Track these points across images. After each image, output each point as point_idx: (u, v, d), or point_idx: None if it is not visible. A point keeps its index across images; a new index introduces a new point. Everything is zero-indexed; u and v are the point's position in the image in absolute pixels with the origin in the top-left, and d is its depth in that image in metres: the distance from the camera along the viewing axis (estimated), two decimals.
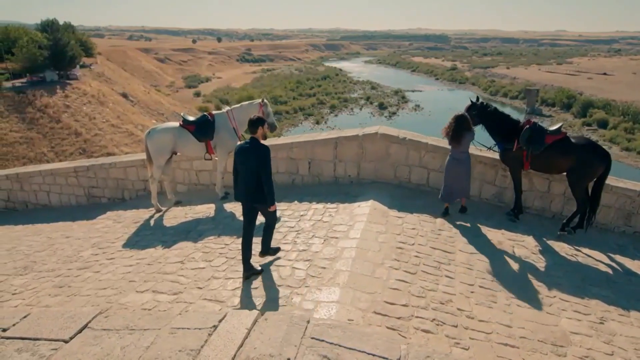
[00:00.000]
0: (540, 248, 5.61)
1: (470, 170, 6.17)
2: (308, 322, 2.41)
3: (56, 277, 5.30)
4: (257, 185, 4.44)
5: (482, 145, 6.59)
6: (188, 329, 2.46)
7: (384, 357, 2.18)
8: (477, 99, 6.47)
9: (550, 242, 5.82)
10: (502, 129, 6.21)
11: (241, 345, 2.24)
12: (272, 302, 4.03)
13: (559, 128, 6.04)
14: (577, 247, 5.80)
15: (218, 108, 57.36)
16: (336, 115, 58.47)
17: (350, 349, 2.21)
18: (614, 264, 5.50)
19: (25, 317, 2.77)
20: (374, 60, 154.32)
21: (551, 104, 58.64)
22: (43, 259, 6.03)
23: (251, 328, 2.37)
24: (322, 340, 2.25)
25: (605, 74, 73.13)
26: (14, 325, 2.68)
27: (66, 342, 2.49)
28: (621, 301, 4.65)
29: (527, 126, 6.01)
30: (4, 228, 8.30)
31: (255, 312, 2.51)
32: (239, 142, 7.02)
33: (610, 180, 6.45)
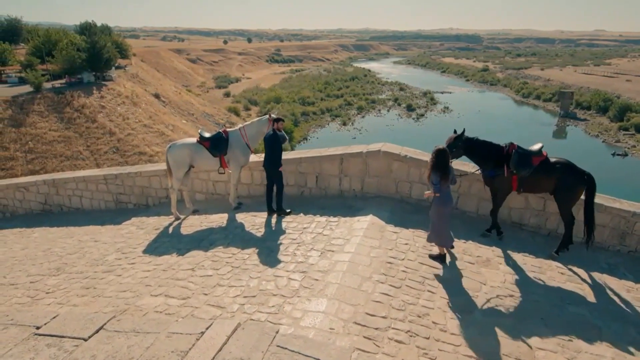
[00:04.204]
0: (528, 266, 5.90)
1: None
2: (277, 332, 2.92)
3: (84, 279, 5.98)
4: (273, 158, 7.06)
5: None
6: (181, 333, 3.00)
7: None
8: (464, 130, 6.29)
9: (539, 260, 6.07)
10: (492, 157, 6.24)
11: (220, 350, 2.77)
12: (265, 310, 4.53)
13: (540, 149, 6.15)
14: (565, 266, 6.04)
15: (247, 108, 58.56)
16: (363, 117, 58.67)
17: (307, 356, 2.70)
18: (599, 283, 5.72)
19: (54, 317, 3.39)
20: (403, 61, 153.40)
21: (586, 107, 57.17)
22: (74, 261, 6.75)
23: (230, 335, 2.90)
24: (285, 348, 2.75)
25: None
26: (45, 324, 3.29)
27: (85, 340, 3.07)
28: (596, 320, 4.88)
29: (514, 150, 6.13)
30: (41, 229, 9.18)
31: (235, 322, 3.03)
32: (251, 155, 7.72)
33: (605, 200, 6.66)
